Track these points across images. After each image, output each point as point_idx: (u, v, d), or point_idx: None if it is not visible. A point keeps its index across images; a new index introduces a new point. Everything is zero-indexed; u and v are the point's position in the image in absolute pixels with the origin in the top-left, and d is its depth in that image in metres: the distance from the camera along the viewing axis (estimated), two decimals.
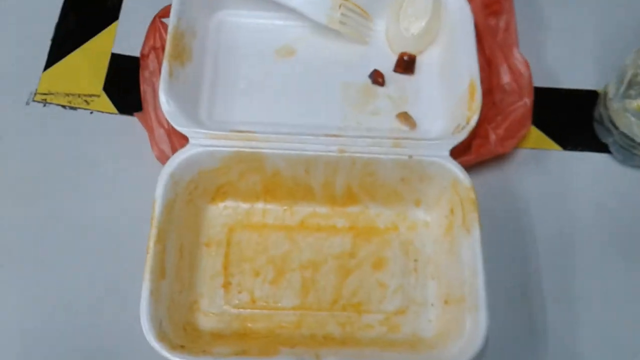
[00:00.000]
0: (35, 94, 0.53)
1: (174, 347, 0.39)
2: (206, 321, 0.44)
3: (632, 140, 0.47)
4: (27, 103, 0.53)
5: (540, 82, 0.52)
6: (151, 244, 0.41)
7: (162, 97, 0.45)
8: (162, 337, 0.39)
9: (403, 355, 0.42)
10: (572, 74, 0.53)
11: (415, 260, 0.46)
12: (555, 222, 0.48)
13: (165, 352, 0.39)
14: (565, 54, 0.54)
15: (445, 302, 0.44)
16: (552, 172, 0.50)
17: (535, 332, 0.45)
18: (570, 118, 0.52)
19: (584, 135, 0.51)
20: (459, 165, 0.44)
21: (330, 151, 0.45)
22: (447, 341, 0.42)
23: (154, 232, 0.42)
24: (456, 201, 0.44)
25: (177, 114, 0.45)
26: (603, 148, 0.50)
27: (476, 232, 0.42)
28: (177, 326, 0.42)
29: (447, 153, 0.45)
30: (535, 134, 0.51)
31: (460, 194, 0.44)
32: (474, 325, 0.40)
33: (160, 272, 0.41)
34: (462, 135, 0.45)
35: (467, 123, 0.45)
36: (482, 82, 0.47)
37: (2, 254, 0.47)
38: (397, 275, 0.46)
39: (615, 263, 0.47)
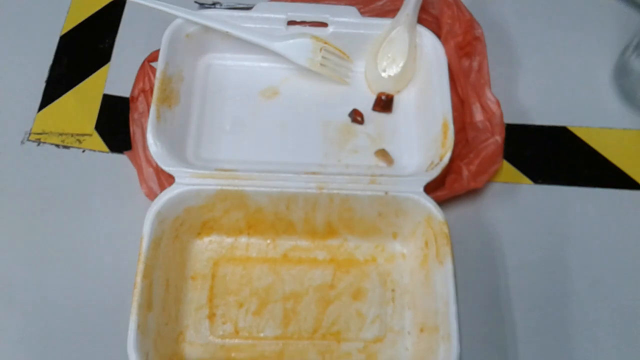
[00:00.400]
0: (30, 133, 0.55)
1: None
2: (192, 351, 0.46)
3: None
4: (22, 142, 0.55)
5: (512, 119, 0.55)
6: (138, 279, 0.43)
7: (150, 139, 0.47)
8: None
9: None
10: (541, 111, 0.56)
11: (393, 291, 0.48)
12: (526, 253, 0.50)
13: None
14: (535, 93, 0.57)
15: (421, 330, 0.46)
16: (524, 205, 0.52)
17: (507, 359, 0.47)
18: (541, 153, 0.54)
19: (553, 169, 0.53)
20: (432, 201, 0.47)
21: (309, 188, 0.47)
22: None
23: (141, 267, 0.43)
24: (430, 235, 0.47)
25: (164, 154, 0.47)
26: (571, 181, 0.53)
27: (449, 265, 0.44)
28: (164, 357, 0.43)
29: (421, 189, 0.47)
30: (507, 168, 0.53)
31: (434, 228, 0.46)
32: (447, 354, 0.42)
33: (147, 305, 0.43)
34: (435, 172, 0.48)
35: (440, 160, 0.48)
36: (456, 120, 0.50)
37: None
38: (375, 305, 0.48)
39: (585, 291, 0.49)
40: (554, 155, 0.54)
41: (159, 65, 0.51)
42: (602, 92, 0.57)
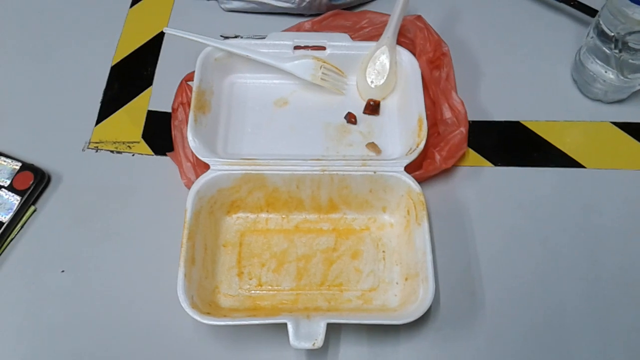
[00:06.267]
0: (89, 143, 0.68)
1: (202, 312, 0.53)
2: (225, 301, 0.58)
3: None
4: (83, 150, 0.67)
5: (475, 116, 0.67)
6: (184, 240, 0.56)
7: (190, 137, 0.61)
8: (194, 306, 0.53)
9: (372, 315, 0.55)
10: (497, 109, 0.68)
11: (384, 252, 0.60)
12: (489, 219, 0.62)
13: (196, 316, 0.52)
14: (492, 95, 0.69)
15: (406, 279, 0.58)
16: (486, 183, 0.64)
17: (475, 300, 0.58)
18: (498, 142, 0.67)
19: (509, 154, 0.66)
20: (411, 177, 0.59)
21: (314, 170, 0.60)
22: (406, 306, 0.55)
23: (185, 232, 0.56)
24: (411, 204, 0.59)
25: (201, 148, 0.60)
26: (523, 163, 0.65)
27: (425, 225, 0.56)
28: (204, 302, 0.55)
29: (402, 169, 0.59)
30: (472, 155, 0.66)
31: (413, 199, 0.59)
32: (425, 292, 0.54)
33: (191, 260, 0.55)
34: (413, 156, 0.60)
35: (417, 147, 0.61)
36: (429, 118, 0.63)
37: (67, 261, 0.61)
38: (369, 263, 0.60)
39: (537, 247, 0.60)
40: (510, 144, 0.67)
41: (194, 82, 0.64)
42: (563, 89, 0.70)
